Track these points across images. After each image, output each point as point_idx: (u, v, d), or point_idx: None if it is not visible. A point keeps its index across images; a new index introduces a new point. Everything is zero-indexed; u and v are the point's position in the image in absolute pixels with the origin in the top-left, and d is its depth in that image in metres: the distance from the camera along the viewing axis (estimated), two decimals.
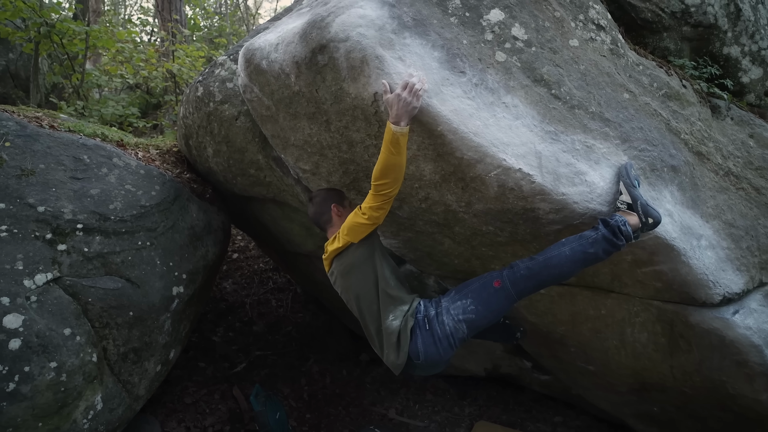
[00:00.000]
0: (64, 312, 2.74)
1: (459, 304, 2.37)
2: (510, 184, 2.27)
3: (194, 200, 3.67)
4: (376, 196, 2.23)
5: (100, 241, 3.00)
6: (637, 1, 2.82)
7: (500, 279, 2.36)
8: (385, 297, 2.43)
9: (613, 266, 2.73)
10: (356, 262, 2.47)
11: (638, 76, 2.65)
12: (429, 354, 2.34)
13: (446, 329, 2.34)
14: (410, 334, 2.36)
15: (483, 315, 2.36)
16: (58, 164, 3.08)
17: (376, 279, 2.44)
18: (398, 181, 2.20)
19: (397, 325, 2.39)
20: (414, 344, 2.35)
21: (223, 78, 3.26)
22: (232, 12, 13.18)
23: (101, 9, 11.42)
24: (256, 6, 17.54)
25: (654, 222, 2.28)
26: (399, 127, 2.06)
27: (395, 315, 2.41)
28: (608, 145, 2.40)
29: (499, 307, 2.38)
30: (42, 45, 5.87)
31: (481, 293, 2.37)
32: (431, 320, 2.37)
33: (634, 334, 3.05)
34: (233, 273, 5.93)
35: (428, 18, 2.24)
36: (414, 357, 2.36)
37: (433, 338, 2.34)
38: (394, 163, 2.12)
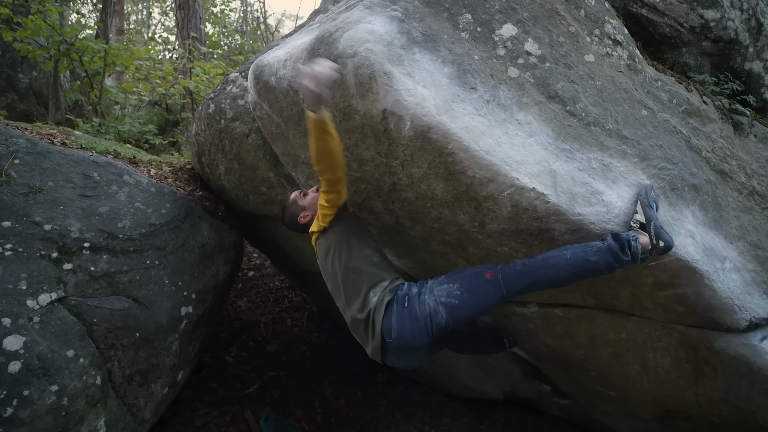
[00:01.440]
0: (68, 333, 2.69)
1: (445, 287, 2.26)
2: (524, 204, 2.19)
3: (206, 218, 3.64)
4: (321, 181, 2.32)
5: (108, 260, 2.96)
6: (655, 16, 2.74)
7: (493, 271, 2.26)
8: (365, 275, 2.37)
9: (633, 289, 2.61)
10: (332, 245, 2.45)
11: (657, 92, 2.55)
12: (402, 332, 2.22)
13: (425, 308, 2.22)
14: (385, 309, 2.26)
15: (467, 304, 2.23)
16: (67, 182, 3.07)
17: (352, 258, 2.40)
18: (333, 166, 2.23)
19: (375, 301, 2.30)
20: (387, 319, 2.24)
21: (235, 95, 3.24)
22: (253, 30, 13.35)
23: (124, 27, 11.67)
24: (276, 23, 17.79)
25: (665, 246, 2.18)
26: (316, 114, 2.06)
27: (375, 291, 2.33)
28: (626, 164, 2.31)
29: (485, 299, 2.25)
30: (61, 63, 5.97)
31: (471, 281, 2.27)
32: (411, 298, 2.27)
33: (657, 360, 2.92)
34: (248, 291, 5.88)
35: (438, 33, 2.18)
36: (386, 335, 2.25)
37: (409, 316, 2.23)
38: (321, 147, 2.15)
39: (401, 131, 2.19)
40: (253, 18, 14.79)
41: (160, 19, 15.48)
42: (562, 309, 2.98)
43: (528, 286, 2.25)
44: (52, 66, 6.04)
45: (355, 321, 2.40)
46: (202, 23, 9.50)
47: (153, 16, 16.57)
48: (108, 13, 8.07)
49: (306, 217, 2.68)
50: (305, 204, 2.70)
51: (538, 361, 3.66)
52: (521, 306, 3.12)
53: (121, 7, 11.07)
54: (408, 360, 2.43)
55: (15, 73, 7.15)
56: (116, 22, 10.12)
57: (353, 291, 2.38)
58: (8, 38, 5.86)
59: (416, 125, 2.12)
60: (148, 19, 16.66)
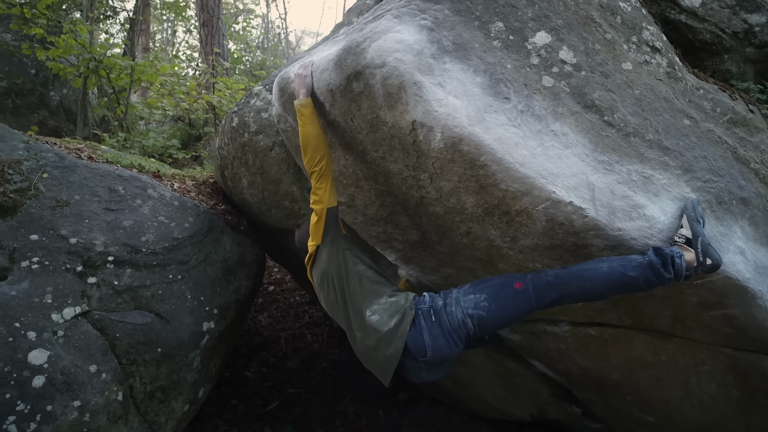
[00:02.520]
0: (91, 348, 2.66)
1: (471, 298, 2.14)
2: (560, 218, 2.08)
3: (228, 232, 3.60)
4: (311, 177, 2.35)
5: (131, 274, 2.94)
6: (695, 22, 2.63)
7: (523, 281, 2.13)
8: (363, 292, 2.26)
9: (676, 308, 2.47)
10: (326, 267, 2.38)
11: (699, 100, 2.43)
12: (438, 348, 2.10)
13: (455, 320, 2.11)
14: (409, 328, 2.12)
15: (495, 315, 2.12)
16: (93, 195, 3.07)
17: (349, 277, 2.31)
18: (318, 151, 2.30)
19: (376, 320, 2.17)
20: (418, 338, 2.11)
21: (258, 108, 3.21)
22: (274, 45, 13.49)
23: (150, 46, 11.89)
24: (297, 40, 17.99)
25: (712, 265, 2.05)
26: (298, 100, 2.34)
27: (373, 310, 2.20)
28: (668, 176, 2.19)
29: (514, 310, 2.13)
30: (90, 79, 6.08)
31: (499, 292, 2.14)
32: (438, 311, 2.15)
33: (701, 385, 2.76)
34: (269, 306, 5.83)
35: (470, 42, 2.11)
36: (418, 353, 2.11)
37: (441, 330, 2.11)
38: (306, 134, 2.30)
39: (431, 143, 2.11)
40: (274, 34, 14.97)
41: (184, 38, 15.77)
42: (597, 328, 2.84)
43: (559, 298, 2.12)
44: (81, 83, 6.14)
45: (368, 348, 2.23)
46: (225, 40, 9.61)
47: (177, 34, 16.91)
48: (135, 32, 8.22)
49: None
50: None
51: (569, 383, 3.51)
52: (552, 325, 2.99)
53: (147, 27, 11.27)
54: (439, 372, 2.28)
55: (47, 90, 7.33)
56: (142, 41, 10.30)
57: (356, 314, 2.26)
58: (42, 57, 6.01)
59: (447, 136, 2.03)
60: (173, 37, 16.99)
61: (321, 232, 2.39)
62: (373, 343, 2.18)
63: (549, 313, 2.89)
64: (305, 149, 2.32)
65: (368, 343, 2.20)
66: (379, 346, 2.16)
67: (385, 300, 2.22)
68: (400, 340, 2.13)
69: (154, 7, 13.28)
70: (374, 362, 2.22)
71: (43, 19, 6.11)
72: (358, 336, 2.24)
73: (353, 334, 2.28)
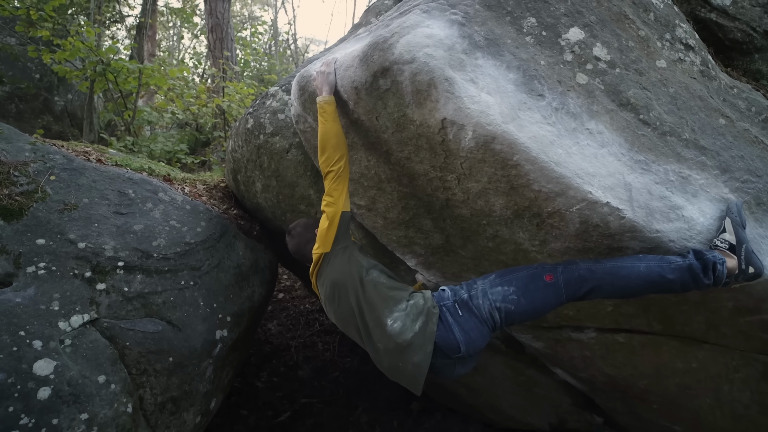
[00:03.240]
0: (100, 357, 2.55)
1: (499, 290, 2.06)
2: (595, 220, 2.00)
3: (241, 237, 3.51)
4: (326, 178, 2.25)
5: (142, 280, 2.84)
6: (725, 21, 2.56)
7: (553, 273, 2.05)
8: (381, 300, 2.13)
9: (710, 314, 2.39)
10: (337, 277, 2.24)
11: (733, 99, 2.36)
12: (471, 341, 2.02)
13: (483, 312, 2.03)
14: (436, 327, 2.03)
15: (523, 309, 2.04)
16: (102, 198, 2.98)
17: (364, 286, 2.17)
18: (338, 150, 2.23)
19: (399, 327, 2.05)
20: (449, 336, 2.02)
21: (275, 109, 3.13)
22: (282, 52, 13.46)
23: (156, 52, 11.86)
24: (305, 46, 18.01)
25: (755, 273, 1.98)
26: (321, 97, 2.27)
27: (394, 318, 2.08)
28: (706, 176, 2.11)
29: (543, 304, 2.05)
30: (97, 83, 6.00)
31: (528, 284, 2.05)
32: (464, 304, 2.06)
33: (733, 393, 2.66)
34: (278, 314, 5.73)
35: (501, 37, 2.03)
36: (451, 351, 2.03)
37: (471, 323, 2.03)
38: (326, 131, 2.22)
39: (461, 142, 2.03)
40: (282, 40, 14.97)
41: (191, 44, 15.76)
42: (624, 335, 2.76)
43: (591, 292, 2.04)
44: (88, 86, 6.07)
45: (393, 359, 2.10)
46: (233, 45, 9.58)
47: (183, 41, 16.91)
48: (143, 35, 8.18)
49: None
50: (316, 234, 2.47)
51: (592, 391, 3.41)
52: (578, 331, 2.90)
53: (153, 33, 11.25)
54: (471, 363, 2.19)
55: (51, 96, 7.28)
56: (148, 47, 10.26)
57: (377, 325, 2.12)
58: (47, 60, 5.94)
59: (479, 135, 1.95)
60: (179, 44, 16.98)
61: (332, 238, 2.26)
62: (399, 353, 2.07)
63: (575, 319, 2.81)
64: (324, 147, 2.23)
65: (393, 354, 2.09)
66: (407, 354, 2.05)
67: (404, 305, 2.12)
68: (428, 343, 2.03)
69: (161, 13, 13.27)
70: (402, 373, 2.10)
71: (49, 22, 6.05)
72: (381, 347, 2.12)
73: (375, 347, 2.15)
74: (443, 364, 2.08)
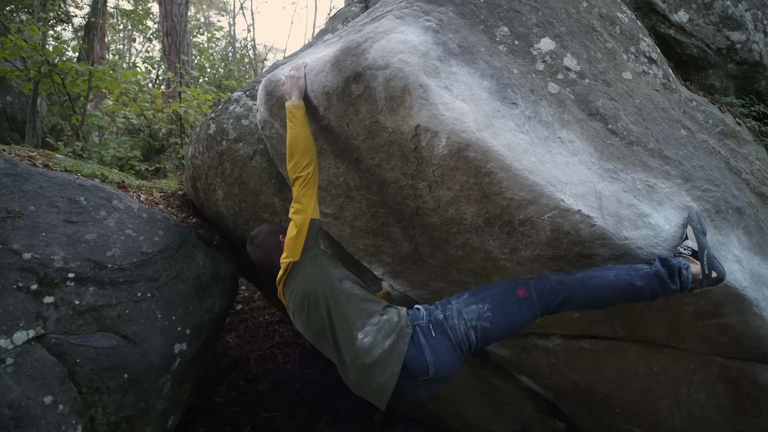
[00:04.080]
0: (46, 376, 2.39)
1: (474, 308, 2.04)
2: (566, 227, 2.02)
3: (201, 247, 3.37)
4: (295, 184, 2.16)
5: (94, 293, 2.68)
6: (683, 37, 2.67)
7: (526, 288, 2.06)
8: (354, 312, 2.06)
9: (672, 318, 2.46)
10: (307, 287, 2.13)
11: (692, 112, 2.45)
12: (441, 365, 1.98)
13: (458, 334, 2.00)
14: (407, 347, 1.97)
15: (499, 326, 2.03)
16: (51, 206, 2.80)
17: (337, 297, 2.09)
18: (306, 155, 2.15)
19: (369, 342, 1.99)
20: (419, 357, 1.97)
21: (238, 115, 3.04)
22: (240, 58, 13.21)
23: (105, 55, 11.42)
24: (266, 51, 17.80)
25: (717, 278, 2.04)
26: (290, 101, 2.20)
27: (365, 332, 2.02)
28: (670, 185, 2.17)
29: (518, 319, 2.06)
30: (42, 85, 5.68)
31: (502, 300, 2.05)
32: (439, 325, 2.03)
33: (691, 394, 2.75)
34: (237, 326, 5.56)
35: (475, 45, 2.04)
36: (419, 373, 1.98)
37: (443, 346, 1.99)
38: (295, 136, 2.15)
39: (434, 149, 2.02)
40: (240, 46, 14.71)
41: (144, 47, 15.27)
42: (589, 341, 2.80)
43: (563, 304, 2.06)
44: (32, 87, 5.74)
45: (360, 375, 2.03)
46: (190, 49, 9.32)
47: (134, 45, 16.37)
48: (93, 36, 7.83)
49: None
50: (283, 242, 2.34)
51: (556, 397, 3.45)
52: (544, 338, 2.93)
53: (103, 35, 10.81)
54: (437, 386, 2.14)
55: None
56: (97, 50, 9.86)
57: (346, 338, 2.05)
58: None
59: (453, 142, 1.95)
60: (130, 47, 16.43)
61: (301, 246, 2.15)
62: (366, 369, 2.00)
63: (541, 326, 2.84)
64: (292, 153, 2.15)
65: (360, 370, 2.01)
66: (373, 371, 1.98)
67: (377, 319, 2.06)
68: (396, 362, 1.97)
69: (111, 15, 12.80)
70: (368, 389, 2.03)
71: None
72: (348, 361, 2.05)
73: (342, 360, 2.07)
74: (408, 385, 2.02)
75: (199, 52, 10.80)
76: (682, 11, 2.65)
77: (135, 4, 12.94)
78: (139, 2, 13.07)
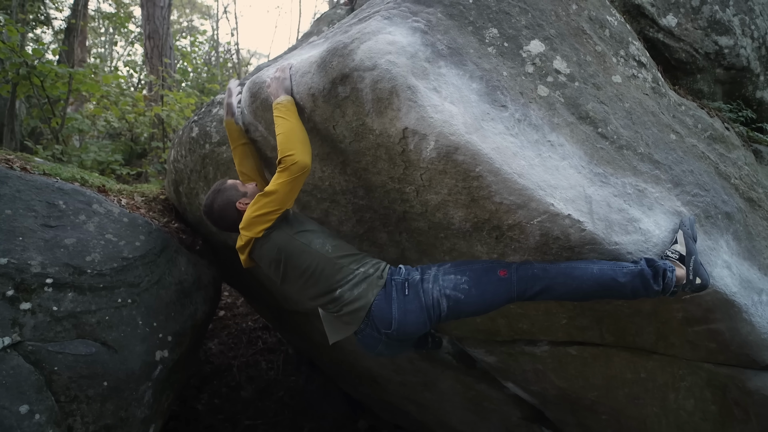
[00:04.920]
0: (22, 385, 2.33)
1: (452, 278, 2.03)
2: (555, 232, 1.99)
3: (183, 252, 3.30)
4: (284, 171, 2.01)
5: (73, 299, 2.61)
6: (671, 41, 2.66)
7: (507, 269, 2.04)
8: (324, 272, 2.08)
9: (661, 324, 2.44)
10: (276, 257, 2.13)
11: (682, 116, 2.44)
12: (404, 323, 2.00)
13: (429, 298, 2.01)
14: (374, 297, 2.03)
15: (473, 300, 2.02)
16: (28, 210, 2.72)
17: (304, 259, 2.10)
18: (304, 145, 2.05)
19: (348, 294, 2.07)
20: (385, 308, 2.01)
21: (222, 117, 2.98)
22: (223, 62, 13.10)
23: (87, 58, 11.25)
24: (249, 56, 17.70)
25: (701, 285, 2.04)
26: (281, 97, 2.13)
27: (343, 290, 2.08)
28: (660, 189, 2.16)
29: (493, 298, 2.04)
30: (20, 87, 5.55)
31: (481, 276, 2.04)
32: (412, 285, 2.03)
33: (679, 401, 2.73)
34: (219, 332, 5.47)
35: (464, 47, 2.01)
36: (382, 324, 2.02)
37: (411, 305, 2.01)
38: (290, 129, 2.04)
39: (422, 152, 1.98)
40: (224, 50, 14.60)
41: (125, 50, 15.07)
42: (577, 347, 2.78)
43: (542, 291, 2.04)
44: (10, 90, 5.61)
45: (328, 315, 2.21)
46: (173, 53, 9.21)
47: (115, 49, 16.17)
48: (73, 39, 7.69)
49: (245, 204, 2.23)
50: (246, 191, 2.31)
51: (543, 404, 3.42)
52: (531, 345, 2.90)
53: (83, 38, 10.65)
54: (398, 349, 2.19)
55: None
56: (78, 53, 9.70)
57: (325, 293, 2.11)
58: None
59: (441, 145, 1.91)
60: (111, 51, 16.22)
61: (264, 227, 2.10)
62: (333, 309, 2.14)
63: (528, 332, 2.81)
64: (291, 143, 2.01)
65: (329, 308, 2.16)
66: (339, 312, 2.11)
67: (353, 275, 2.08)
68: (362, 309, 2.05)
69: (92, 18, 12.62)
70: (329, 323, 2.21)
71: None
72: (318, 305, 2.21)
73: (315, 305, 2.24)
74: (370, 335, 2.09)
75: (182, 55, 10.68)
76: (671, 15, 2.65)
77: (117, 7, 12.78)
78: (121, 5, 12.91)
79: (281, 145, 2.03)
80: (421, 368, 3.64)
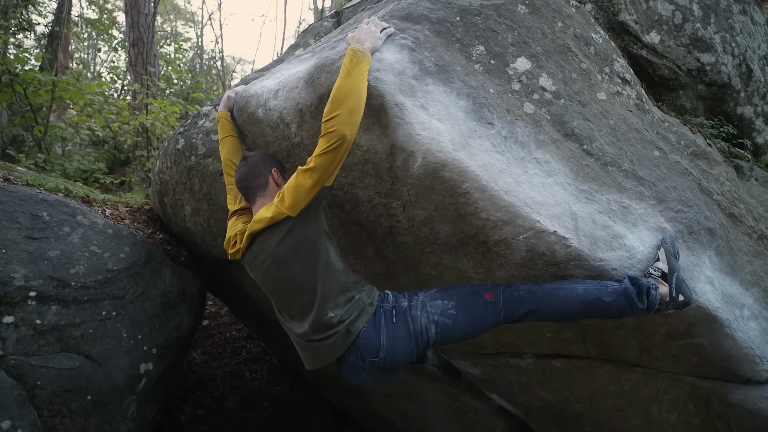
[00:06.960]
0: (4, 400, 2.29)
1: (439, 303, 2.01)
2: (541, 248, 2.01)
3: (168, 264, 3.27)
4: (325, 136, 1.80)
5: (57, 312, 2.58)
6: (654, 58, 2.70)
7: (494, 293, 2.03)
8: (329, 287, 1.96)
9: (644, 338, 2.46)
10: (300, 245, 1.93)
11: (665, 132, 2.48)
12: (392, 351, 1.96)
13: (417, 326, 1.97)
14: (363, 324, 1.96)
15: (460, 325, 2.01)
16: (11, 221, 2.68)
17: (320, 265, 1.95)
18: (352, 113, 1.79)
19: (335, 319, 1.94)
20: (374, 336, 1.96)
21: (208, 129, 2.96)
22: (208, 69, 13.06)
23: (69, 64, 11.14)
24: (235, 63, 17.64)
25: (684, 302, 2.06)
26: (360, 46, 1.88)
27: (336, 311, 1.96)
28: (644, 206, 2.18)
29: (480, 322, 2.03)
30: (2, 94, 5.48)
31: (468, 301, 2.03)
32: (400, 312, 2.00)
33: (662, 413, 2.75)
34: (203, 342, 5.42)
35: (451, 64, 2.02)
36: (369, 353, 1.96)
37: (399, 333, 1.96)
38: (349, 88, 1.80)
39: (409, 169, 1.99)
40: (208, 57, 14.54)
41: (108, 57, 14.94)
42: (561, 360, 2.80)
43: (529, 314, 2.04)
44: None
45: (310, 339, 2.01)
46: (157, 60, 9.15)
47: (99, 55, 16.02)
48: (56, 45, 7.60)
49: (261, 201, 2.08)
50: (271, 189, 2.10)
51: (527, 416, 3.44)
52: (516, 357, 2.92)
53: (66, 44, 10.54)
54: (383, 378, 2.13)
55: None
56: (61, 59, 9.60)
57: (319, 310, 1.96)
58: None
59: (429, 162, 1.92)
60: (94, 57, 16.07)
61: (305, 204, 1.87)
62: (319, 336, 1.99)
63: (513, 345, 2.83)
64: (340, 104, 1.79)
65: (313, 337, 2.00)
66: (326, 339, 1.99)
67: (349, 298, 2.01)
68: (349, 336, 1.97)
69: (75, 24, 12.50)
70: (311, 351, 2.05)
71: None
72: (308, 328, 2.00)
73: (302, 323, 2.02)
74: (355, 364, 2.02)
75: (166, 63, 10.61)
76: (654, 32, 2.69)
77: (100, 14, 12.67)
78: (105, 11, 12.80)
79: (329, 103, 1.82)
80: (406, 379, 3.64)
